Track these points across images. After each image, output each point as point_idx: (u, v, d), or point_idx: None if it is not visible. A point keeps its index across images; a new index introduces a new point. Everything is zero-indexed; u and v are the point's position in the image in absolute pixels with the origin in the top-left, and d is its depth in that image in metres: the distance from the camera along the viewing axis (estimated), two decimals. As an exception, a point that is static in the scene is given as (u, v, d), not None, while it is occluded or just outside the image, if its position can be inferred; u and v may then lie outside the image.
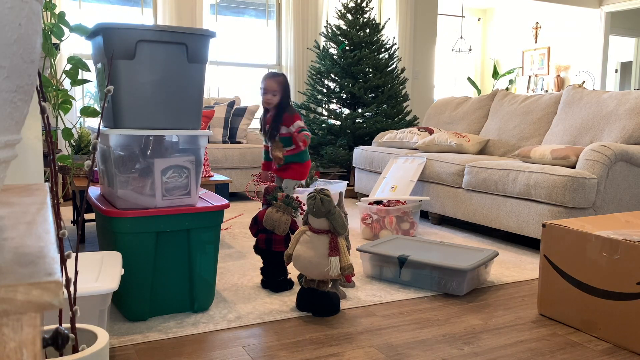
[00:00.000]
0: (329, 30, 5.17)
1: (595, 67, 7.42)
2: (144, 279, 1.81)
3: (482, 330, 1.81)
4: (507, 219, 2.97)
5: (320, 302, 1.91)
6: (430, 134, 4.04)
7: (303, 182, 2.84)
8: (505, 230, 3.02)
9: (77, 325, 1.19)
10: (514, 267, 2.57)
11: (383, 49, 5.19)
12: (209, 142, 4.50)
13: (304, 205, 2.30)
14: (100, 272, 1.55)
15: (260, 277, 2.24)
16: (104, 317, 1.47)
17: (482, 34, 8.89)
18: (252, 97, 5.89)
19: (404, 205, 3.14)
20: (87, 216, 2.89)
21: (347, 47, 5.11)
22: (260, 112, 5.62)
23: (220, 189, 3.21)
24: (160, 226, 1.81)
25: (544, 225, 1.94)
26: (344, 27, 5.15)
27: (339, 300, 1.97)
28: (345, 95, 5.13)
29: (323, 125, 5.08)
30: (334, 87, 5.16)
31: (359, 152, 4.48)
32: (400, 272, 2.25)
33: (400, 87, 5.23)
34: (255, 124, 5.67)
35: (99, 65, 1.91)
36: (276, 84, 2.88)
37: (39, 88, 0.94)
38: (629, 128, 2.99)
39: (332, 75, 5.12)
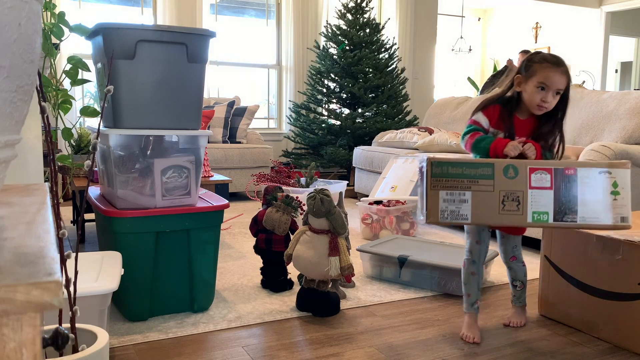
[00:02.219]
0: (329, 30, 5.17)
1: (595, 67, 7.42)
2: (144, 279, 1.81)
3: (482, 330, 1.80)
4: (507, 219, 2.97)
5: (320, 302, 1.91)
6: (430, 134, 4.04)
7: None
8: (505, 230, 3.02)
9: (77, 325, 1.19)
10: (514, 267, 2.57)
11: (383, 49, 5.19)
12: (209, 142, 4.50)
13: (304, 205, 2.30)
14: (100, 272, 1.55)
15: (260, 277, 2.24)
16: (104, 317, 1.47)
17: (482, 34, 8.89)
18: (252, 97, 5.89)
19: (404, 205, 3.14)
20: (87, 216, 2.89)
21: (347, 47, 5.11)
22: (260, 112, 5.63)
23: (220, 189, 3.20)
24: (160, 226, 1.80)
25: (544, 225, 1.93)
26: (344, 27, 5.15)
27: (339, 300, 1.96)
28: (345, 95, 5.13)
29: (323, 125, 5.08)
30: (334, 87, 5.15)
31: (359, 152, 4.48)
32: (400, 272, 2.25)
33: (400, 87, 5.23)
34: (255, 123, 5.68)
35: (99, 65, 1.91)
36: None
37: (39, 88, 0.94)
38: (629, 128, 2.99)
39: (332, 75, 5.11)
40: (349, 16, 5.18)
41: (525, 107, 1.69)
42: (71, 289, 1.15)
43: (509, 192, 1.49)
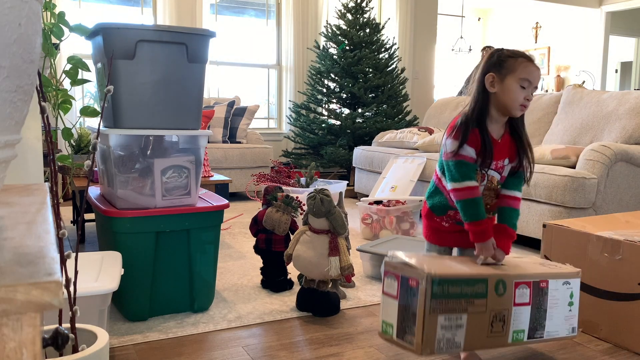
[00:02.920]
0: (329, 30, 5.17)
1: (595, 67, 7.42)
2: (144, 279, 1.81)
3: (482, 330, 1.80)
4: (507, 219, 2.97)
5: (320, 302, 1.91)
6: (430, 134, 4.04)
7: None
8: (505, 230, 3.02)
9: (77, 325, 1.19)
10: (514, 267, 2.57)
11: (383, 49, 5.19)
12: (209, 142, 4.50)
13: (304, 205, 2.30)
14: (100, 272, 1.55)
15: (260, 277, 2.24)
16: (104, 317, 1.47)
17: (482, 34, 8.89)
18: (252, 97, 5.89)
19: (404, 205, 3.14)
20: (87, 216, 2.89)
21: (347, 47, 5.11)
22: (260, 112, 5.62)
23: (220, 189, 3.20)
24: (160, 226, 1.80)
25: (544, 226, 1.94)
26: (344, 27, 5.15)
27: (339, 300, 1.96)
28: (345, 95, 5.13)
29: (323, 125, 5.08)
30: (334, 87, 5.16)
31: (359, 152, 4.48)
32: (401, 272, 2.25)
33: (400, 87, 5.23)
34: (255, 123, 5.67)
35: (99, 65, 1.91)
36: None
37: (39, 88, 0.94)
38: (629, 128, 2.99)
39: (332, 75, 5.11)
40: (349, 16, 5.18)
41: (496, 117, 1.50)
42: (71, 289, 1.15)
43: (498, 311, 1.34)
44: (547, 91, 7.92)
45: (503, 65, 1.48)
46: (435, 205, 1.60)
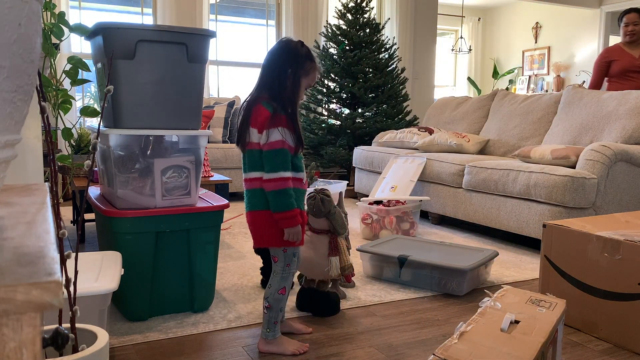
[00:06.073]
0: (329, 30, 5.17)
1: (595, 67, 7.41)
2: (144, 279, 1.81)
3: (482, 330, 1.80)
4: (507, 219, 2.97)
5: (320, 302, 1.91)
6: (430, 134, 4.04)
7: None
8: (505, 230, 3.02)
9: (77, 325, 1.19)
10: (514, 267, 2.57)
11: (383, 49, 5.19)
12: (209, 142, 4.49)
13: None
14: (100, 272, 1.55)
15: (260, 277, 2.24)
16: (104, 317, 1.47)
17: (482, 34, 8.88)
18: (252, 97, 5.88)
19: (404, 205, 3.14)
20: (87, 216, 2.89)
21: (347, 47, 5.11)
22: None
23: (220, 189, 3.20)
24: (160, 226, 1.80)
25: (544, 226, 1.94)
26: (344, 27, 5.15)
27: (339, 300, 1.96)
28: (345, 95, 5.13)
29: (323, 125, 5.08)
30: (334, 87, 5.15)
31: (359, 152, 4.48)
32: (400, 272, 2.25)
33: (400, 87, 5.23)
34: (255, 124, 5.65)
35: (99, 65, 1.91)
36: None
37: (39, 88, 0.94)
38: (629, 128, 2.99)
39: (332, 75, 5.11)
40: (349, 16, 5.18)
41: None
42: (71, 289, 1.15)
43: None
44: (547, 91, 7.92)
45: (302, 66, 1.59)
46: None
